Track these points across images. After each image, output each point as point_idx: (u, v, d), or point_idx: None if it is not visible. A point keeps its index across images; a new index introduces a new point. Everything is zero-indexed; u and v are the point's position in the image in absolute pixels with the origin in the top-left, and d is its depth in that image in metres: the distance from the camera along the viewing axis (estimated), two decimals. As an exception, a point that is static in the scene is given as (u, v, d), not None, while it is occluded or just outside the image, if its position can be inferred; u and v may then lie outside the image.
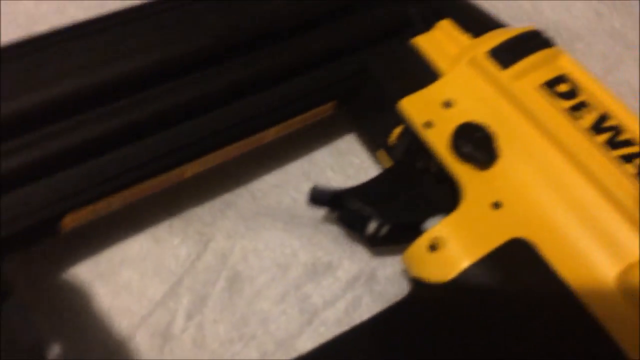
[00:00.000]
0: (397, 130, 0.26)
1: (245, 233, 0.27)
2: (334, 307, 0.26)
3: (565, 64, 0.25)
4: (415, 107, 0.25)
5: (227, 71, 0.24)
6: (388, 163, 0.27)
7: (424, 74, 0.26)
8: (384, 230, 0.24)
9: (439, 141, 0.24)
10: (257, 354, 0.24)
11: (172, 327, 0.25)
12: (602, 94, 0.24)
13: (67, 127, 0.22)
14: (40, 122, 0.22)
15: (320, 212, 0.27)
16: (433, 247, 0.22)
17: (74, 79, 0.22)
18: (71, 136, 0.22)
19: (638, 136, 0.23)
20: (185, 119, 0.24)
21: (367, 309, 0.26)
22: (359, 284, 0.26)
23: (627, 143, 0.23)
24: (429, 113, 0.25)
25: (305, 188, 0.27)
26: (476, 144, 0.23)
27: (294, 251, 0.27)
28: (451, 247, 0.22)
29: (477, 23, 0.27)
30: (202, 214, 0.28)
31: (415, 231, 0.24)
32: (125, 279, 0.25)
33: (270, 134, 0.26)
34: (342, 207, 0.24)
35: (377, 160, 0.29)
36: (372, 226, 0.24)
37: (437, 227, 0.22)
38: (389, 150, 0.27)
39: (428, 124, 0.24)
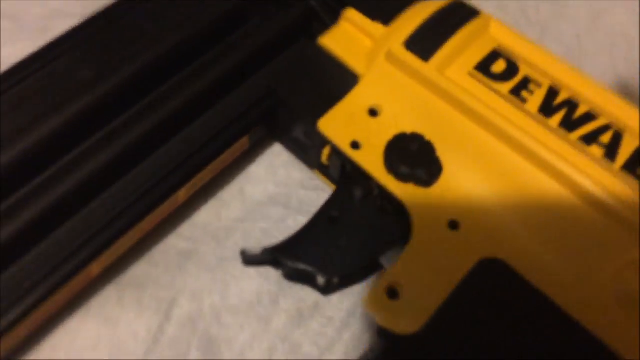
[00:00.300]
0: (326, 152, 0.22)
1: (212, 287, 0.23)
2: (331, 352, 0.23)
3: (497, 34, 0.21)
4: (337, 125, 0.21)
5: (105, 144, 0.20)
6: (328, 182, 0.24)
7: (339, 82, 0.22)
8: (336, 280, 0.21)
9: (371, 163, 0.20)
10: None
11: None
12: (544, 60, 0.20)
13: None
14: None
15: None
16: (393, 294, 0.19)
17: None
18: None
19: (597, 102, 0.20)
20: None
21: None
22: (356, 320, 0.23)
23: (587, 118, 0.19)
24: (354, 130, 0.21)
25: (275, 213, 0.24)
26: (413, 160, 0.20)
27: (273, 298, 0.23)
28: (413, 289, 0.19)
29: (387, 4, 0.23)
30: (157, 275, 0.24)
31: (374, 265, 0.21)
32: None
33: (182, 196, 0.22)
34: (282, 265, 0.21)
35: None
36: (320, 280, 0.21)
37: (393, 270, 0.19)
38: (324, 170, 0.24)
39: (355, 144, 0.21)
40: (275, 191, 0.26)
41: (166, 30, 0.23)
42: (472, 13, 0.21)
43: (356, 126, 0.21)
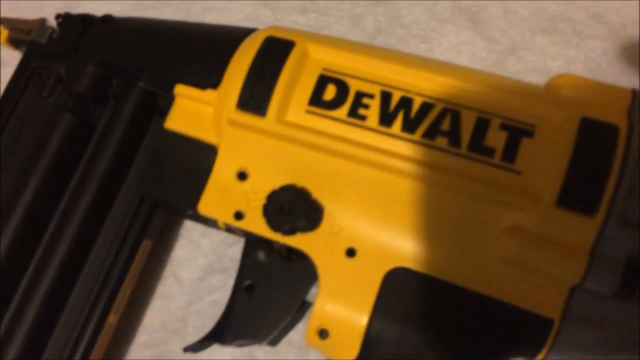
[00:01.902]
0: (220, 222, 0.23)
1: None
2: None
3: (319, 57, 0.21)
4: (215, 204, 0.22)
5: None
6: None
7: (200, 158, 0.22)
8: (276, 335, 0.22)
9: (258, 226, 0.21)
10: None
11: None
12: (370, 66, 0.21)
13: None
14: None
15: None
16: (323, 334, 0.21)
17: None
18: None
19: (429, 89, 0.20)
20: None
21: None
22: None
23: (423, 112, 0.20)
24: (232, 202, 0.22)
25: (216, 282, 0.26)
26: (291, 213, 0.20)
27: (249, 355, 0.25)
28: (338, 323, 0.20)
29: (209, 67, 0.22)
30: None
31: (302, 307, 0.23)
32: None
33: (112, 318, 0.23)
34: (227, 345, 0.22)
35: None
36: (262, 343, 0.22)
37: (314, 314, 0.21)
38: (230, 232, 0.25)
39: (238, 215, 0.22)
40: (207, 262, 0.27)
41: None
42: (287, 46, 0.21)
43: (232, 197, 0.22)
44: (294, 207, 0.21)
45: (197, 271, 0.27)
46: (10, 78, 0.26)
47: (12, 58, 0.28)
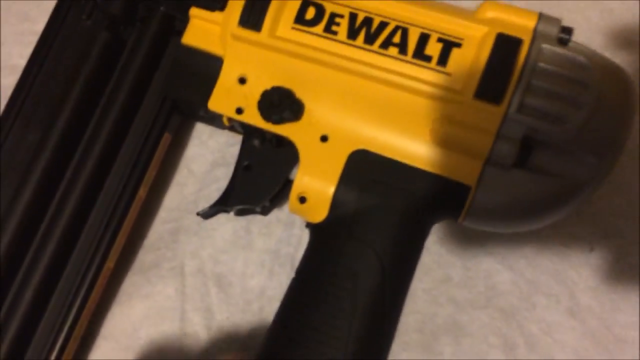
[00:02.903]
0: (224, 118, 0.30)
1: (203, 243, 0.33)
2: (302, 246, 0.32)
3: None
4: (221, 101, 0.28)
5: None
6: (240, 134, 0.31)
7: (210, 67, 0.28)
8: (267, 204, 0.29)
9: (253, 119, 0.28)
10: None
11: None
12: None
13: None
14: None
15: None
16: (302, 200, 0.27)
17: None
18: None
19: (387, 11, 0.26)
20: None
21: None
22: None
23: (380, 28, 0.26)
24: (234, 99, 0.28)
25: (220, 173, 0.33)
26: (279, 107, 0.27)
27: (246, 229, 0.33)
28: (314, 191, 0.27)
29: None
30: (161, 253, 0.33)
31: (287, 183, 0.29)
32: None
33: (142, 193, 0.30)
34: (229, 210, 0.29)
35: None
36: (257, 209, 0.29)
37: (295, 184, 0.27)
38: (232, 129, 0.31)
39: (239, 110, 0.28)
40: (213, 157, 0.34)
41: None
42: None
43: (234, 97, 0.28)
44: (281, 102, 0.27)
45: (205, 165, 0.34)
46: (54, 6, 0.33)
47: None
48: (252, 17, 0.27)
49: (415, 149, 0.26)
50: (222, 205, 0.29)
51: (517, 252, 0.32)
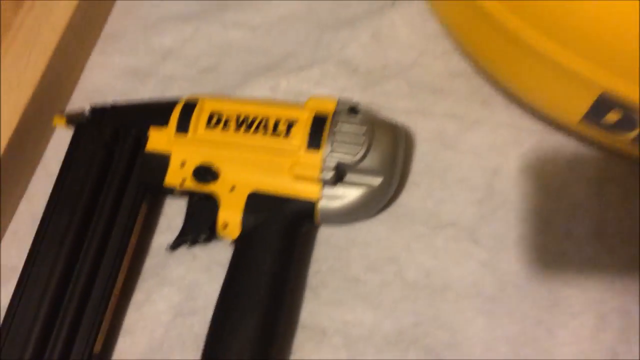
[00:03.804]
0: (175, 189, 0.48)
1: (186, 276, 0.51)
2: None
3: (209, 105, 0.48)
4: (172, 179, 0.47)
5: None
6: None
7: (164, 161, 0.48)
8: (207, 235, 0.47)
9: (191, 185, 0.47)
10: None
11: None
12: (231, 105, 0.47)
13: None
14: None
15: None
16: (224, 226, 0.46)
17: None
18: None
19: (256, 112, 0.46)
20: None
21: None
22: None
23: (252, 120, 0.46)
24: (179, 177, 0.47)
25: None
26: (205, 175, 0.46)
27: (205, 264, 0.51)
28: (229, 220, 0.45)
29: (163, 117, 0.49)
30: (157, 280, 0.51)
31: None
32: None
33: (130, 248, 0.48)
34: (182, 243, 0.47)
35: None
36: (202, 239, 0.47)
37: (219, 218, 0.46)
38: (181, 194, 0.50)
39: (182, 182, 0.47)
40: (172, 214, 0.52)
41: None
42: (195, 103, 0.48)
43: (179, 174, 0.47)
44: (206, 172, 0.46)
45: (169, 219, 0.52)
46: (69, 143, 0.52)
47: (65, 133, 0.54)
48: (182, 127, 0.47)
49: (282, 185, 0.45)
50: (180, 238, 0.47)
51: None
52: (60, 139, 0.55)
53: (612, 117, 0.35)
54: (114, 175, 0.49)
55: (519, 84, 0.45)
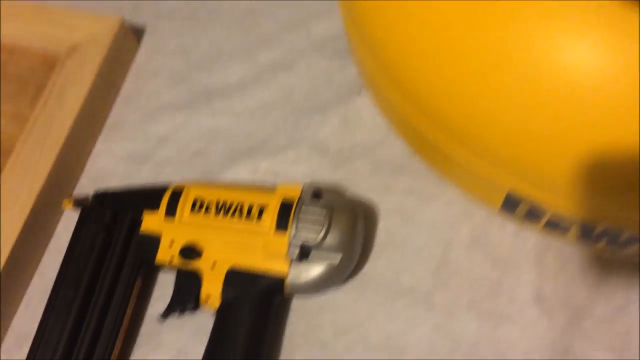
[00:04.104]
0: (165, 265, 0.55)
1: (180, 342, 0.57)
2: None
3: (194, 192, 0.55)
4: (162, 257, 0.54)
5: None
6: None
7: (155, 241, 0.55)
8: (193, 306, 0.53)
9: (179, 262, 0.54)
10: None
11: None
12: (212, 191, 0.54)
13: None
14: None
15: None
16: (207, 298, 0.52)
17: None
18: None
19: (232, 197, 0.53)
20: None
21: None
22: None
23: (229, 205, 0.53)
24: (168, 255, 0.54)
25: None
26: (190, 253, 0.53)
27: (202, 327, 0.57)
28: (212, 293, 0.52)
29: (155, 202, 0.56)
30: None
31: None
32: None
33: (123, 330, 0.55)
34: (172, 312, 0.54)
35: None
36: (189, 309, 0.53)
37: (202, 291, 0.52)
38: (170, 268, 0.56)
39: (171, 259, 0.54)
40: (164, 286, 0.59)
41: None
42: (181, 190, 0.55)
43: (168, 253, 0.54)
44: (191, 251, 0.53)
45: (160, 291, 0.58)
46: (75, 224, 0.59)
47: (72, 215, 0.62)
48: (170, 211, 0.54)
49: (255, 262, 0.52)
50: (169, 308, 0.53)
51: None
52: (69, 219, 0.62)
53: (522, 209, 0.41)
54: (113, 253, 0.56)
55: (448, 179, 0.51)
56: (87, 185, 0.64)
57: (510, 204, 0.41)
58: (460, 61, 0.37)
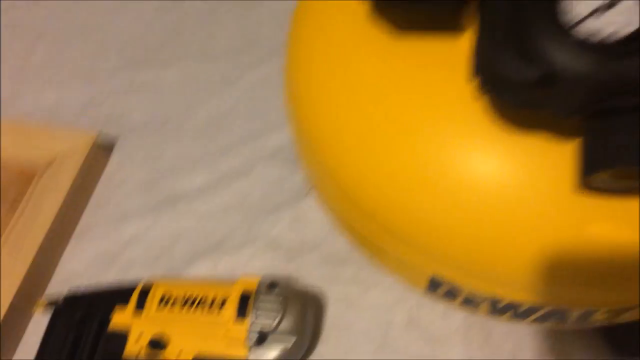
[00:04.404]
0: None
1: None
2: None
3: (162, 288, 0.61)
4: (129, 352, 0.59)
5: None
6: None
7: (124, 336, 0.60)
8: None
9: (146, 354, 0.58)
10: None
11: None
12: (179, 288, 0.60)
13: None
14: None
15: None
16: (175, 384, 0.57)
17: None
18: None
19: (198, 290, 0.60)
20: None
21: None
22: None
23: (194, 299, 0.59)
24: (136, 349, 0.59)
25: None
26: (158, 344, 0.58)
27: None
28: (178, 382, 0.57)
29: (125, 296, 0.61)
30: None
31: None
32: None
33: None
34: None
35: None
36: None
37: (169, 380, 0.57)
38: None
39: (139, 353, 0.58)
40: None
41: None
42: (150, 286, 0.61)
43: (136, 347, 0.59)
44: (158, 342, 0.58)
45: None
46: (47, 324, 0.64)
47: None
48: (139, 306, 0.60)
49: (218, 349, 0.58)
50: None
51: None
52: (37, 324, 0.66)
53: (443, 289, 0.49)
54: (83, 351, 0.60)
55: (380, 265, 0.60)
56: (59, 286, 0.69)
57: (434, 286, 0.49)
58: (385, 170, 0.47)
